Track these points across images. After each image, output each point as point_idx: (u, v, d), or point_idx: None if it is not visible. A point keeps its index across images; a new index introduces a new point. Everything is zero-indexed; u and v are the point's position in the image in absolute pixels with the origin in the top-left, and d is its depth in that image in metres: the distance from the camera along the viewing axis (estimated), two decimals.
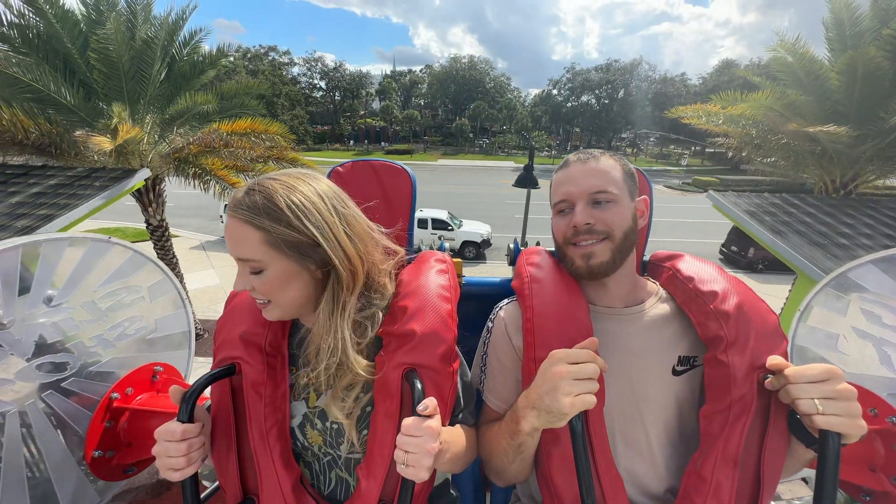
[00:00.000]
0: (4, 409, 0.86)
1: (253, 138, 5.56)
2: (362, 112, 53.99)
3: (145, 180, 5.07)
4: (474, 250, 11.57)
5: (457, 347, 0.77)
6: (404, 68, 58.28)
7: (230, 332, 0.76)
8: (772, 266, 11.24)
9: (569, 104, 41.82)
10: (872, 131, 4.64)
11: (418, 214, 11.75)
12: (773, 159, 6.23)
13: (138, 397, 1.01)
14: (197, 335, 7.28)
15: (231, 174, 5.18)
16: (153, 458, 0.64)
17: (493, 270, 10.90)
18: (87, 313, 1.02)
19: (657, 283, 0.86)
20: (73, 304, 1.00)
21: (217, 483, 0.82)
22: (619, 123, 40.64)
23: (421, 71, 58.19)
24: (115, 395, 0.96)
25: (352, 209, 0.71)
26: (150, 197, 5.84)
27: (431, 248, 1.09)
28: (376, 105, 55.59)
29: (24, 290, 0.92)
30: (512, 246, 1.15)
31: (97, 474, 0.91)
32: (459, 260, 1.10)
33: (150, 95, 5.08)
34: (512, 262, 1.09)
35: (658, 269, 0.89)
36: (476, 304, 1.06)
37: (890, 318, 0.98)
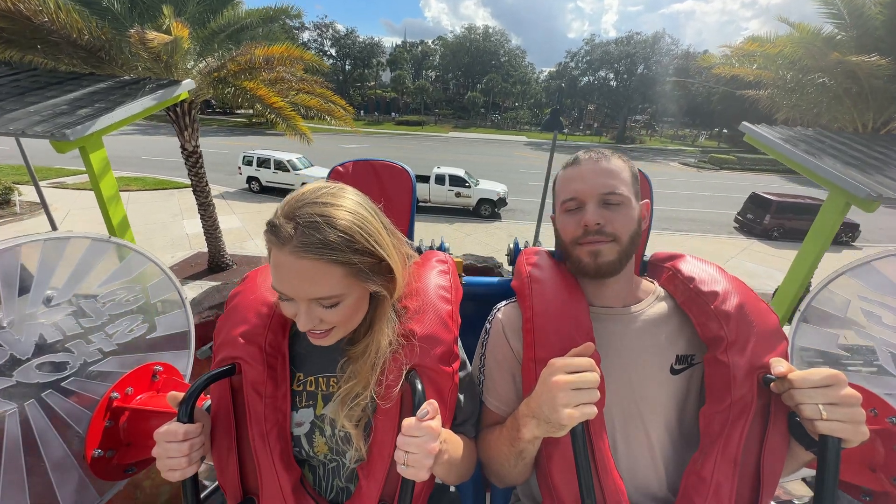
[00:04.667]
0: (4, 409, 0.85)
1: (290, 64, 5.60)
2: (372, 83, 52.96)
3: (185, 102, 5.19)
4: (490, 208, 11.65)
5: (460, 350, 0.77)
6: (415, 40, 56.61)
7: (230, 331, 0.74)
8: (786, 234, 11.27)
9: (585, 78, 40.71)
10: None
11: (436, 171, 11.79)
12: (805, 107, 6.18)
13: (138, 397, 1.00)
14: (227, 265, 7.55)
15: (272, 94, 5.26)
16: (153, 458, 0.63)
17: (509, 227, 11.02)
18: (88, 313, 1.01)
19: (655, 283, 0.86)
20: (73, 304, 0.98)
21: (217, 483, 0.81)
22: (636, 101, 39.61)
23: (433, 43, 56.55)
24: (115, 394, 0.95)
25: (386, 219, 0.71)
26: (185, 121, 5.96)
27: (432, 247, 1.11)
28: (386, 78, 54.40)
29: (24, 289, 0.91)
30: (512, 246, 1.13)
31: (97, 474, 0.90)
32: (460, 260, 1.10)
33: (188, 13, 5.13)
34: (512, 262, 1.08)
35: (658, 269, 0.89)
36: (475, 305, 1.05)
37: (890, 318, 0.98)
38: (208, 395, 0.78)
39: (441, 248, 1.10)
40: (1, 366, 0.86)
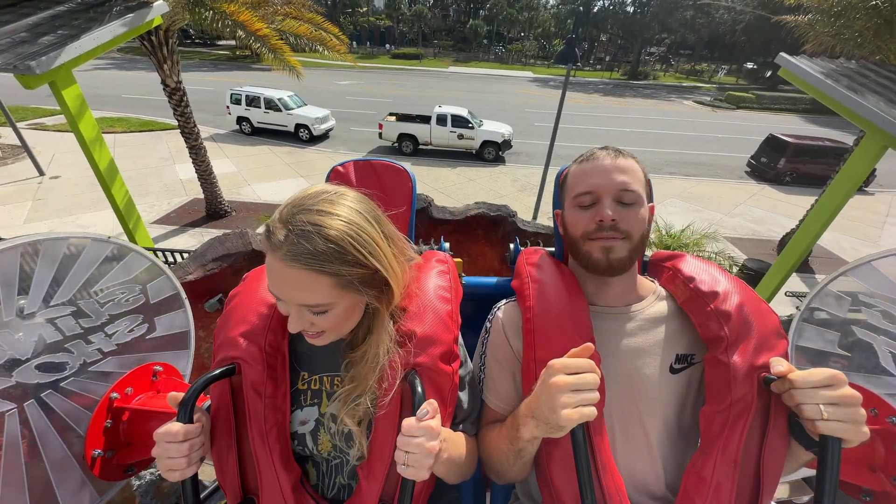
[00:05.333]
0: (4, 409, 0.84)
1: None
2: (364, 9, 47.97)
3: (160, 30, 4.61)
4: (494, 151, 11.14)
5: (460, 349, 0.77)
6: None
7: (230, 332, 0.74)
8: (799, 179, 10.95)
9: (600, 3, 36.82)
10: None
11: (437, 110, 11.09)
12: (847, 35, 5.57)
13: (138, 397, 0.99)
14: (226, 212, 7.40)
15: (255, 20, 4.69)
16: (153, 458, 0.63)
17: (514, 172, 10.64)
18: (87, 313, 0.99)
19: (655, 282, 0.85)
20: (72, 304, 0.97)
21: (217, 483, 0.81)
22: (654, 30, 36.18)
23: None
24: (115, 394, 0.95)
25: (389, 225, 0.70)
26: (163, 53, 5.40)
27: (432, 247, 1.09)
28: (380, 3, 49.18)
29: (23, 289, 0.89)
30: (512, 246, 1.11)
31: (97, 474, 0.90)
32: (460, 259, 1.07)
33: None
34: (512, 262, 1.06)
35: (658, 268, 0.88)
36: (475, 305, 1.04)
37: (890, 318, 0.97)
38: (208, 395, 0.77)
39: (441, 249, 1.10)
40: (0, 366, 0.86)
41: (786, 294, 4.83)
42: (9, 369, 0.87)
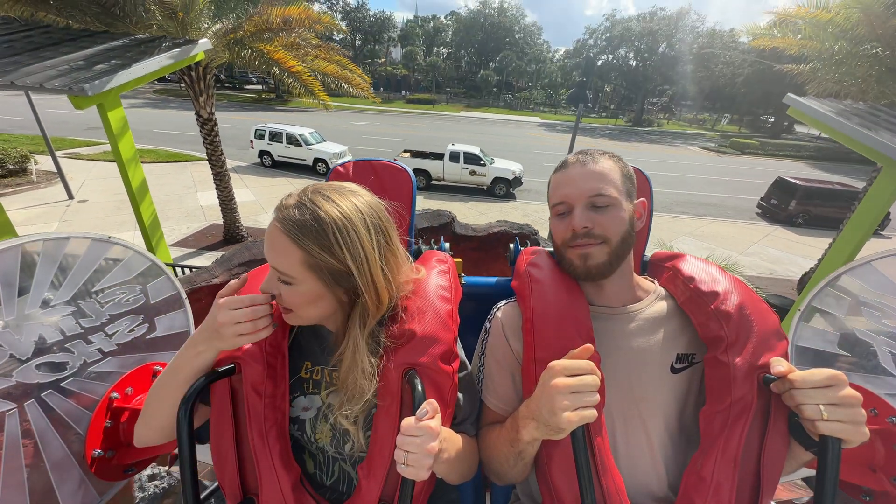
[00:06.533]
0: (4, 409, 0.85)
1: (308, 24, 5.37)
2: (383, 60, 51.68)
3: (200, 66, 5.01)
4: (505, 188, 11.40)
5: (459, 349, 0.78)
6: (427, 15, 54.58)
7: None
8: (811, 221, 10.91)
9: (604, 56, 39.16)
10: None
11: (450, 148, 11.52)
12: (850, 81, 5.79)
13: (138, 397, 1.00)
14: (242, 237, 7.53)
15: (289, 59, 5.06)
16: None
17: (524, 207, 10.80)
18: (88, 313, 1.01)
19: (655, 282, 0.85)
20: (72, 304, 0.98)
21: (217, 483, 0.82)
22: (656, 82, 38.10)
23: (446, 18, 54.64)
24: (115, 394, 0.96)
25: (393, 242, 0.72)
26: (201, 86, 5.80)
27: (431, 248, 1.12)
28: (397, 55, 53.09)
29: (23, 289, 0.90)
30: (512, 246, 1.14)
31: (97, 474, 0.91)
32: (460, 259, 1.09)
33: None
34: (512, 262, 1.08)
35: (659, 269, 0.89)
36: (475, 305, 1.05)
37: (890, 318, 0.97)
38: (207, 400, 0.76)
39: (441, 249, 1.12)
40: (1, 366, 0.85)
41: None
42: (9, 369, 0.86)
